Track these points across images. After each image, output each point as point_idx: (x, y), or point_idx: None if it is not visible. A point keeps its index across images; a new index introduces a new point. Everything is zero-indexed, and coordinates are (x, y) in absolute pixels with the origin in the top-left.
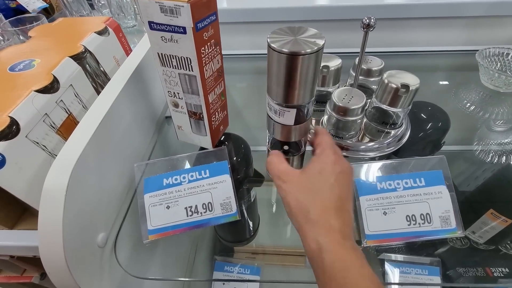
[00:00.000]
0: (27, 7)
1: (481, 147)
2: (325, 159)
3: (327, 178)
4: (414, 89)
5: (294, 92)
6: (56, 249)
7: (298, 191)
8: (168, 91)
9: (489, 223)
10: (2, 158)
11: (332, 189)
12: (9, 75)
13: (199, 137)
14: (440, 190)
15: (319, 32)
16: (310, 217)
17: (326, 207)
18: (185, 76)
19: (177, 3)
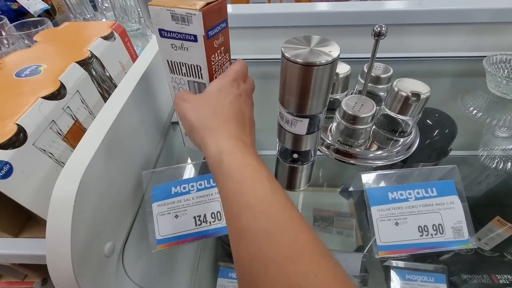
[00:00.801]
0: (28, 8)
1: (488, 153)
2: (224, 80)
3: (227, 95)
4: (425, 98)
5: (307, 102)
6: (64, 259)
7: (198, 107)
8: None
9: (495, 230)
10: (9, 167)
11: (232, 105)
12: (15, 81)
13: None
14: (452, 200)
15: (334, 42)
16: (211, 126)
17: (226, 118)
18: (194, 83)
19: (189, 11)
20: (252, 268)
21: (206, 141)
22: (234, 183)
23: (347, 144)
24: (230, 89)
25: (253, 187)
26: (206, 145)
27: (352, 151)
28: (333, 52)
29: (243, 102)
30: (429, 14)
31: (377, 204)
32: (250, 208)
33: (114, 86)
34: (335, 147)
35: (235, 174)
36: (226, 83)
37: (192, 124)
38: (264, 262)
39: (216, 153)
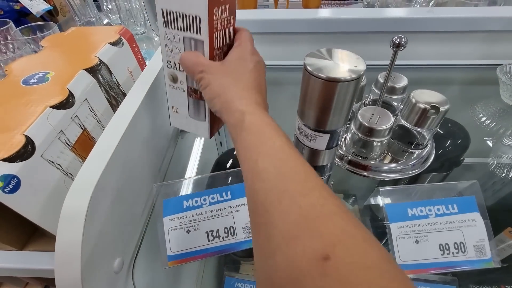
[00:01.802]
0: (31, 9)
1: (499, 163)
2: (243, 49)
3: (247, 64)
4: (444, 111)
5: (328, 118)
6: (74, 276)
7: (221, 77)
8: (168, 60)
9: (506, 241)
10: (17, 181)
11: (252, 73)
12: (22, 89)
13: (196, 123)
14: (473, 218)
15: (359, 57)
16: (234, 94)
17: (248, 86)
18: (190, 41)
19: None
20: (266, 199)
21: (229, 106)
22: (254, 136)
23: (361, 156)
24: (250, 57)
25: (272, 139)
26: (229, 110)
27: (366, 163)
28: (358, 67)
29: (261, 70)
30: (441, 22)
31: (397, 220)
32: (267, 155)
33: (122, 92)
34: (349, 159)
35: (256, 129)
36: (246, 52)
37: (215, 92)
38: (278, 195)
39: (239, 115)
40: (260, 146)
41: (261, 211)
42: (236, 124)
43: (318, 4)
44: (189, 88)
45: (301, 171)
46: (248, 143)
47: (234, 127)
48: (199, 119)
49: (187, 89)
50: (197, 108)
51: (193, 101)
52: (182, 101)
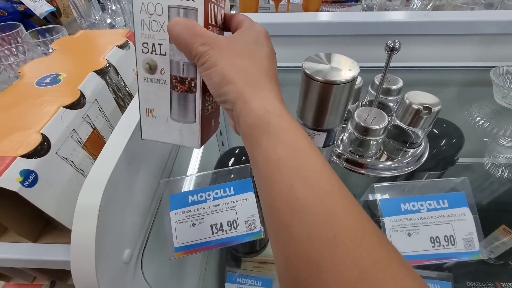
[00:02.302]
0: (34, 10)
1: (493, 162)
2: (258, 31)
3: (264, 48)
4: (436, 111)
5: (325, 117)
6: (88, 266)
7: (234, 56)
8: (143, 43)
9: (500, 239)
10: (35, 176)
11: (269, 60)
12: (36, 90)
13: (180, 128)
14: (463, 212)
15: (353, 61)
16: (253, 81)
17: (268, 74)
18: (179, 10)
19: None
20: (312, 247)
21: (247, 98)
22: (286, 149)
23: (358, 154)
24: (265, 41)
25: (310, 159)
26: (247, 102)
27: (362, 161)
28: (352, 70)
29: (275, 57)
30: (437, 25)
31: (390, 215)
32: (308, 182)
33: (128, 93)
34: (346, 157)
35: (286, 138)
36: (261, 34)
37: (228, 75)
38: (328, 244)
39: (263, 113)
40: (296, 166)
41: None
42: (257, 126)
43: (317, 7)
44: (172, 78)
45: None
46: (277, 157)
47: (252, 128)
48: (186, 121)
49: (171, 80)
50: (184, 105)
51: (178, 96)
52: (161, 98)
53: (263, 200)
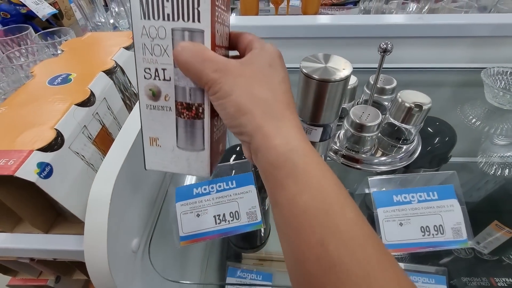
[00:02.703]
0: (37, 13)
1: (486, 160)
2: (271, 53)
3: (279, 72)
4: (426, 109)
5: (321, 113)
6: (101, 253)
7: (250, 83)
8: (145, 68)
9: (493, 234)
10: (50, 168)
11: (286, 83)
12: (49, 89)
13: (188, 156)
14: (452, 204)
15: (347, 60)
16: (273, 112)
17: (286, 102)
18: (183, 33)
19: None
20: None
21: (268, 131)
22: (314, 197)
23: (354, 150)
24: (280, 64)
25: (342, 208)
26: (268, 136)
27: (358, 156)
28: (346, 70)
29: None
30: (430, 28)
31: (383, 206)
32: (339, 233)
33: (134, 93)
34: (342, 153)
35: (314, 184)
36: (275, 56)
37: (244, 107)
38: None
39: (286, 151)
40: (326, 218)
41: None
42: (280, 165)
43: (316, 10)
44: (178, 105)
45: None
46: (304, 206)
47: (274, 167)
48: (193, 149)
49: (176, 106)
50: (192, 132)
51: (185, 123)
52: (166, 126)
53: (288, 248)
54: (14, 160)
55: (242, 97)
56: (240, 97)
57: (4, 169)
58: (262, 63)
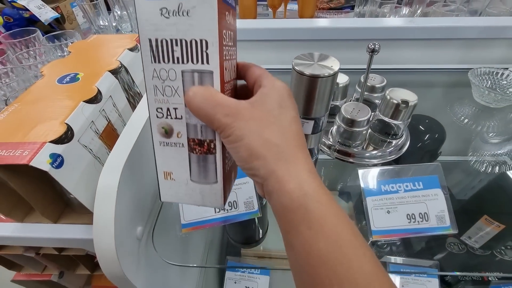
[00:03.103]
0: (39, 17)
1: (475, 157)
2: (281, 90)
3: (289, 111)
4: (412, 105)
5: (312, 107)
6: (109, 240)
7: (261, 126)
8: (157, 108)
9: (484, 229)
10: (61, 159)
11: (296, 124)
12: (58, 87)
13: (201, 189)
14: (436, 193)
15: (335, 58)
16: (285, 156)
17: (298, 144)
18: (193, 74)
19: None
20: None
21: (281, 176)
22: (330, 244)
23: (346, 144)
24: (290, 102)
25: (356, 256)
26: (281, 181)
27: (351, 151)
28: (334, 67)
29: (299, 117)
30: (421, 31)
31: (372, 195)
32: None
33: (138, 92)
34: (336, 148)
35: (328, 230)
36: (284, 94)
37: (256, 151)
38: None
39: (299, 195)
40: (343, 269)
41: None
42: (294, 210)
43: (312, 14)
44: (190, 141)
45: None
46: (320, 253)
47: (288, 211)
48: (207, 182)
49: (188, 143)
50: (205, 167)
51: (197, 158)
52: (180, 161)
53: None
54: (28, 151)
55: (254, 141)
56: (252, 141)
57: (19, 158)
58: (272, 103)
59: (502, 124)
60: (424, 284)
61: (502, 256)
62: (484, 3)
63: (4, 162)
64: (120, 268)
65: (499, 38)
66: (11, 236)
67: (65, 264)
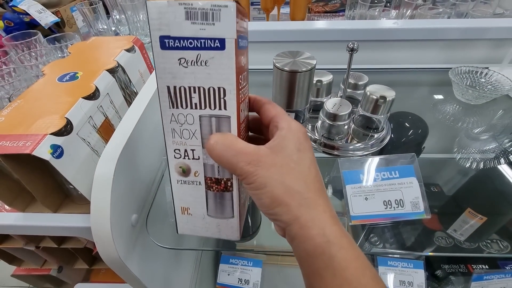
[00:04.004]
0: (40, 21)
1: (459, 153)
2: (298, 132)
3: (307, 154)
4: (390, 100)
5: (293, 100)
6: (105, 226)
7: (283, 173)
8: (175, 149)
9: (468, 221)
10: (61, 150)
11: (314, 167)
12: (59, 85)
13: (218, 223)
14: (411, 181)
15: (312, 55)
16: (307, 202)
17: (318, 189)
18: (210, 119)
19: (217, 3)
20: None
21: (304, 222)
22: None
23: (330, 138)
24: (307, 144)
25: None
26: (304, 227)
27: (335, 144)
28: (311, 62)
29: (314, 158)
30: (405, 32)
31: (351, 183)
32: None
33: (134, 91)
34: (321, 142)
35: (352, 277)
36: (301, 136)
37: (280, 199)
38: None
39: (322, 242)
40: None
41: None
42: (317, 256)
43: (303, 16)
44: (207, 180)
45: None
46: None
47: (311, 257)
48: (224, 217)
49: (205, 181)
50: (222, 203)
51: (214, 195)
52: (197, 198)
53: None
54: (31, 142)
55: (276, 188)
56: (275, 189)
57: (22, 148)
58: (291, 147)
59: (482, 119)
60: (411, 275)
61: (488, 249)
62: (468, 6)
63: (9, 151)
64: (116, 252)
65: (480, 39)
66: (13, 224)
67: (64, 257)
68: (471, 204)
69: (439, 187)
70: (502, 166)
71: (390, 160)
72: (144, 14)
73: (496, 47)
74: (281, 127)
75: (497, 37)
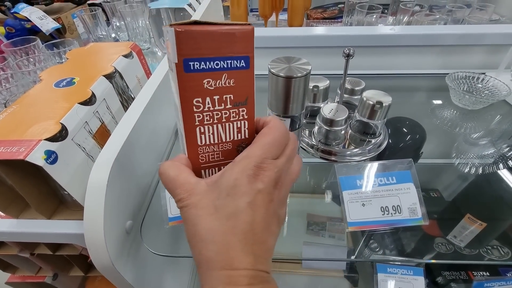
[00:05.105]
0: (41, 27)
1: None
2: (242, 169)
3: (236, 202)
4: (387, 105)
5: (288, 106)
6: (98, 233)
7: (199, 216)
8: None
9: (468, 228)
10: (56, 155)
11: (239, 217)
12: (55, 90)
13: None
14: (408, 187)
15: (307, 61)
16: (205, 259)
17: (226, 243)
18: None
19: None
20: None
21: (201, 276)
22: None
23: (327, 143)
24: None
25: None
26: (200, 283)
27: (333, 149)
28: (306, 68)
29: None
30: (401, 38)
31: (348, 189)
32: None
33: (131, 96)
34: (318, 147)
35: None
36: (246, 170)
37: (189, 241)
38: None
39: None
40: None
41: None
42: None
43: (301, 22)
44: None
45: None
46: None
47: None
48: None
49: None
50: None
51: None
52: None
53: None
54: (25, 147)
55: (189, 230)
56: (188, 228)
57: (16, 154)
58: (222, 189)
59: (480, 125)
60: (411, 282)
61: (489, 255)
62: (465, 12)
63: (2, 157)
64: (109, 259)
65: (477, 45)
66: (7, 231)
67: (59, 265)
68: (470, 210)
69: (439, 192)
70: (501, 171)
71: (387, 165)
72: (143, 20)
73: (493, 52)
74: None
75: (493, 43)
